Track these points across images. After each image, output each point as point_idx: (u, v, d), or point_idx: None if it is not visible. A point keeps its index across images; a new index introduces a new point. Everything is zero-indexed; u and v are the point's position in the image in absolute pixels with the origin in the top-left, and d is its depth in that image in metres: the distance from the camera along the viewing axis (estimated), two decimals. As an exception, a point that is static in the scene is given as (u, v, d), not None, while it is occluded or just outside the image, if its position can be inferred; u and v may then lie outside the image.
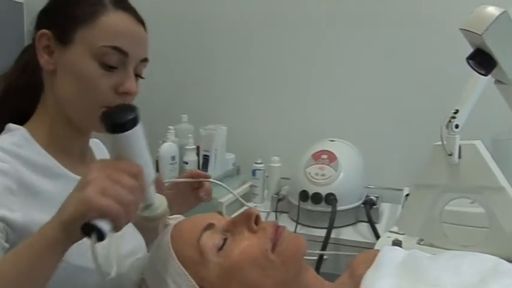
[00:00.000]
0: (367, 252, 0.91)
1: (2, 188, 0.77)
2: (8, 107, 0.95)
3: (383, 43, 2.03)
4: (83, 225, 0.64)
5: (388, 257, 0.83)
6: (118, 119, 0.70)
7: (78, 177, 0.81)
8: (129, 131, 0.69)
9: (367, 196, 1.79)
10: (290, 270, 0.75)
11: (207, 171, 1.96)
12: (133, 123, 0.70)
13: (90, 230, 0.64)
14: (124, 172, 0.67)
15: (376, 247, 1.22)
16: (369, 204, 1.74)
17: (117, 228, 0.66)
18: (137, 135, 0.71)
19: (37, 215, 0.77)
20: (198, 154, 1.99)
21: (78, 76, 0.86)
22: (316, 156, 1.73)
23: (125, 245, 0.93)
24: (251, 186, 2.03)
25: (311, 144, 1.82)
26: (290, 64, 2.19)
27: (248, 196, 2.02)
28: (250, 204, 1.88)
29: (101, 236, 0.64)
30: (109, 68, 0.86)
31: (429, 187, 1.12)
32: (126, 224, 0.68)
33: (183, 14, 2.28)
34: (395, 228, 1.30)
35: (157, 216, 0.79)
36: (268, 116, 2.24)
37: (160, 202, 0.80)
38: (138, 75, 0.91)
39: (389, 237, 1.25)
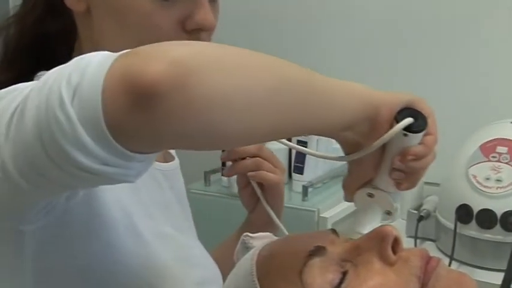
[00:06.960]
0: None
1: None
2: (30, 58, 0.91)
3: None
4: (400, 110, 0.71)
5: None
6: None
7: None
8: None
9: None
10: None
11: (302, 170, 1.79)
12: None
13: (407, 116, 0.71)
14: None
15: None
16: None
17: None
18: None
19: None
20: (289, 139, 1.72)
21: (124, 12, 0.84)
22: (488, 149, 1.56)
23: (194, 272, 0.95)
24: (374, 194, 1.80)
25: (477, 128, 1.64)
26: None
27: (368, 211, 1.83)
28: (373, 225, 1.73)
29: (421, 125, 0.71)
30: None
31: None
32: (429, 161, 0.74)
33: None
34: None
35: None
36: (401, 81, 1.99)
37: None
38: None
39: None
